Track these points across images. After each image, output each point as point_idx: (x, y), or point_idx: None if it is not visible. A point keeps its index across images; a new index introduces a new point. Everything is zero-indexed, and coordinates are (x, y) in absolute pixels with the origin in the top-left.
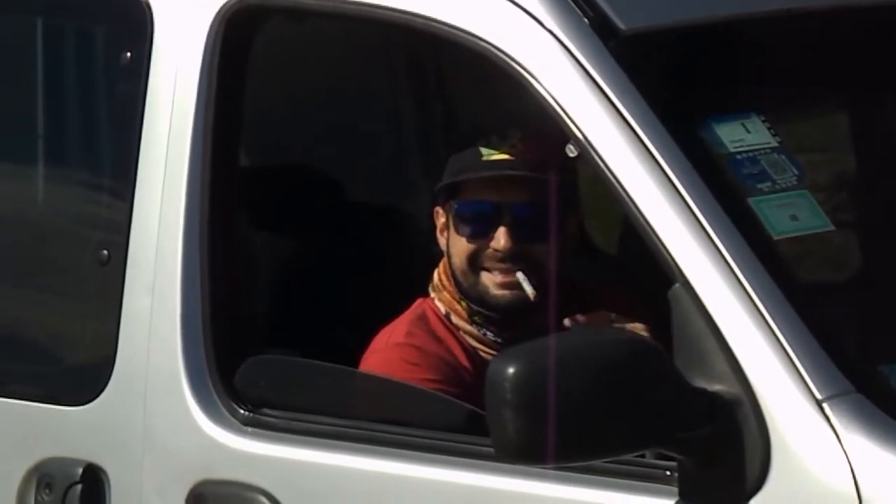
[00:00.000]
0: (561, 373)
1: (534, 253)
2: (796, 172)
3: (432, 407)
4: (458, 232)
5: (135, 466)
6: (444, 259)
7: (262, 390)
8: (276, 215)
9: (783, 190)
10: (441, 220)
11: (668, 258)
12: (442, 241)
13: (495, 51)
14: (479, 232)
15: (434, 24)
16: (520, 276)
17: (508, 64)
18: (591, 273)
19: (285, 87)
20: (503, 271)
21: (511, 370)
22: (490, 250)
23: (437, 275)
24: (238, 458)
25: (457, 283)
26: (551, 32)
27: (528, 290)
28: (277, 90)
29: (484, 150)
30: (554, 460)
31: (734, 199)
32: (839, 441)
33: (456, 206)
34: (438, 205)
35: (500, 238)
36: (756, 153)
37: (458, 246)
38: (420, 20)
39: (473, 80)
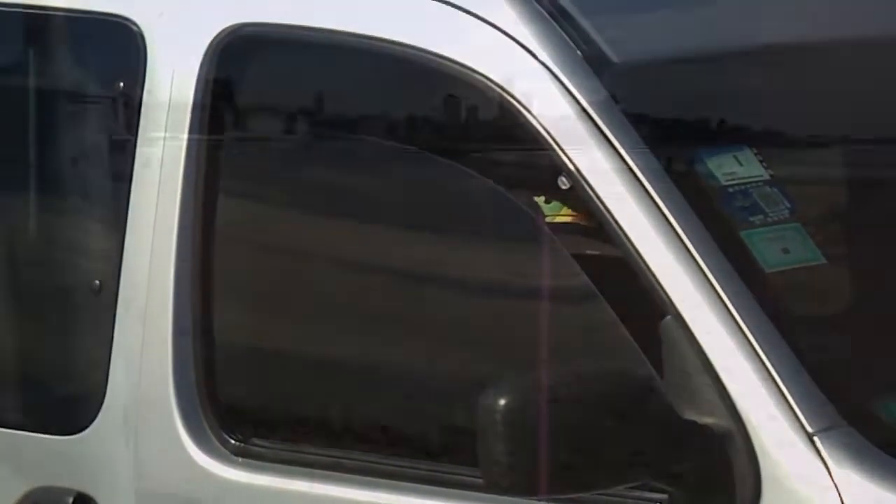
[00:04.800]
0: (552, 405)
1: None
2: (788, 205)
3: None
4: None
5: (125, 496)
6: None
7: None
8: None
9: (775, 223)
10: None
11: (660, 291)
12: None
13: (488, 82)
14: None
15: (428, 55)
16: None
17: (501, 96)
18: None
19: (280, 118)
20: None
21: (502, 402)
22: None
23: None
24: (228, 488)
25: None
26: (544, 65)
27: None
28: (272, 120)
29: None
30: (545, 493)
31: (726, 232)
32: (830, 474)
33: None
34: None
35: None
36: (748, 186)
37: None
38: (414, 52)
39: (467, 112)
